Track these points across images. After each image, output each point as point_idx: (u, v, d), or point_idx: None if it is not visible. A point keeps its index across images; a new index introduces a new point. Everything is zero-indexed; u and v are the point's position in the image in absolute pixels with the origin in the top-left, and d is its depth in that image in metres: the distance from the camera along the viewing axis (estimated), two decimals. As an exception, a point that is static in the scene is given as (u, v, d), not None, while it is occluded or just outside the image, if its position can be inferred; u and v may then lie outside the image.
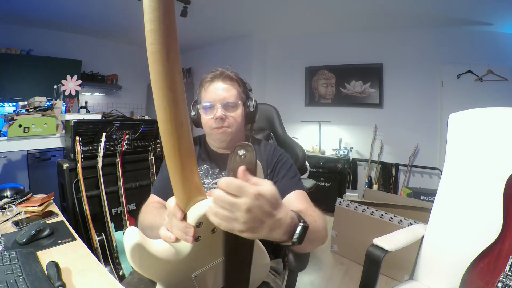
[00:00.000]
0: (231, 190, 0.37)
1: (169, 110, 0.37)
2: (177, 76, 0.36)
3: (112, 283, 0.58)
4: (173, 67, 0.35)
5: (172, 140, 0.39)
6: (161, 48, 0.33)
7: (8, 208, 0.93)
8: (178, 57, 0.36)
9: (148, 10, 0.32)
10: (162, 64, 0.34)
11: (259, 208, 0.37)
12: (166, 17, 0.33)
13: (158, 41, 0.33)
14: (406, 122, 3.10)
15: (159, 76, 0.35)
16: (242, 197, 0.36)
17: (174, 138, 0.39)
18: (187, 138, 0.40)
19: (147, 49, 0.34)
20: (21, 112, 1.88)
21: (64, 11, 2.95)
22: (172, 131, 0.38)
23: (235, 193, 0.37)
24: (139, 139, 1.92)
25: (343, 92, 3.48)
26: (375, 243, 0.91)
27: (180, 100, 0.37)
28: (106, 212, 1.64)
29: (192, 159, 0.42)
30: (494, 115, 0.96)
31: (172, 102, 0.37)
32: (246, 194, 0.36)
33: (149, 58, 0.34)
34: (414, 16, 2.77)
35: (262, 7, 2.83)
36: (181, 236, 0.43)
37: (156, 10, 0.32)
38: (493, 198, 0.87)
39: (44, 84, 3.02)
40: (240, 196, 0.36)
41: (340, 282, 1.82)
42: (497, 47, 2.68)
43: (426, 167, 2.94)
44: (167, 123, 0.37)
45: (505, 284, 0.71)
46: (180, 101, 0.38)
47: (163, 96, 0.36)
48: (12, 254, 0.61)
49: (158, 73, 0.35)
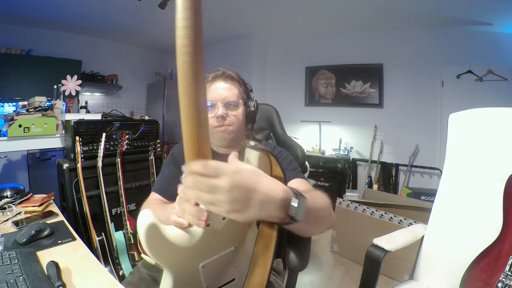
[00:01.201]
0: (209, 172, 0.37)
1: (193, 96, 0.40)
2: (201, 68, 0.40)
3: (112, 283, 0.58)
4: (198, 60, 0.40)
5: (192, 125, 0.41)
6: (190, 42, 0.38)
7: (8, 208, 0.92)
8: (203, 51, 0.40)
9: (182, 9, 0.38)
10: (190, 56, 0.39)
11: (240, 184, 0.37)
12: (196, 15, 0.39)
13: (188, 36, 0.38)
14: (406, 122, 3.10)
15: (187, 66, 0.39)
16: (222, 177, 0.36)
17: (195, 124, 0.41)
18: (205, 126, 0.42)
19: (177, 43, 0.38)
20: (21, 112, 1.88)
21: (64, 11, 2.95)
22: (193, 117, 0.41)
23: (213, 174, 0.36)
24: (139, 139, 1.92)
25: (343, 92, 3.48)
26: (375, 243, 0.91)
27: (202, 89, 0.41)
28: (106, 212, 1.64)
29: (207, 148, 0.44)
30: (494, 115, 0.96)
31: (195, 90, 0.40)
32: (224, 172, 0.36)
33: (179, 51, 0.39)
34: (414, 16, 2.77)
35: (262, 7, 2.83)
36: (193, 221, 0.45)
37: (188, 10, 0.38)
38: (493, 198, 0.87)
39: (44, 84, 3.02)
40: (219, 176, 0.36)
41: (340, 282, 1.82)
42: (497, 47, 2.68)
43: (426, 167, 2.94)
44: (190, 108, 0.40)
45: (505, 284, 0.71)
46: (202, 90, 0.41)
47: (188, 85, 0.40)
48: (12, 254, 0.61)
49: (187, 64, 0.39)
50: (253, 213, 0.38)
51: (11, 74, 3.04)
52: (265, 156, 0.50)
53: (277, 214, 0.40)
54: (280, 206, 0.40)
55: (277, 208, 0.40)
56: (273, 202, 0.39)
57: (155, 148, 1.91)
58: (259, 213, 0.38)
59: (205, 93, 0.42)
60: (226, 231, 0.51)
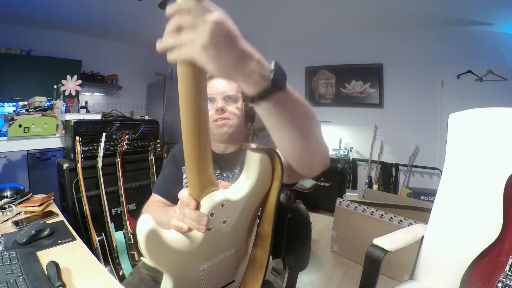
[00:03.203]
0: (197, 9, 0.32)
1: (193, 99, 0.39)
2: (202, 71, 0.38)
3: (112, 283, 0.58)
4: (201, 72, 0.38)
5: (193, 129, 0.40)
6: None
7: (8, 208, 0.93)
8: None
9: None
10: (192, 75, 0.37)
11: (226, 23, 0.33)
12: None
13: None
14: (406, 122, 3.10)
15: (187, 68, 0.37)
16: (210, 13, 0.32)
17: (195, 128, 0.40)
18: (206, 130, 0.42)
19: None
20: (21, 112, 1.88)
21: (64, 11, 2.95)
22: (195, 121, 0.40)
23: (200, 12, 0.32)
24: (139, 139, 1.92)
25: (343, 92, 3.48)
26: (375, 243, 0.91)
27: (203, 93, 0.40)
28: (106, 212, 1.64)
29: (208, 151, 0.44)
30: (494, 115, 0.96)
31: (196, 94, 0.39)
32: (213, 10, 0.32)
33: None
34: (414, 16, 2.77)
35: (262, 7, 2.83)
36: (193, 225, 0.44)
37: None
38: (493, 198, 0.87)
39: (44, 84, 3.02)
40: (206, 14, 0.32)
41: (340, 282, 1.82)
42: (497, 47, 2.68)
43: (426, 167, 2.94)
44: (191, 111, 0.39)
45: (505, 284, 0.71)
46: (203, 94, 0.40)
47: (189, 87, 0.38)
48: (12, 254, 0.61)
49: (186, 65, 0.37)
50: (229, 62, 0.34)
51: (11, 74, 3.04)
52: (268, 156, 0.48)
53: (255, 71, 0.36)
54: (260, 65, 0.37)
55: (256, 65, 0.36)
56: (252, 57, 0.36)
57: (155, 148, 1.91)
58: (235, 65, 0.34)
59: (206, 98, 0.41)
60: (227, 234, 0.50)
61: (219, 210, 0.45)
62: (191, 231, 0.46)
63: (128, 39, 4.06)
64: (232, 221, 0.49)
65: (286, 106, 0.41)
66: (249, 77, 0.36)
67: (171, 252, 0.45)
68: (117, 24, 3.45)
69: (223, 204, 0.46)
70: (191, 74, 0.37)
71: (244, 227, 0.54)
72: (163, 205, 0.78)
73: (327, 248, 2.23)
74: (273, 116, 0.42)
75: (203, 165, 0.44)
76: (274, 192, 0.52)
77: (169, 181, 0.86)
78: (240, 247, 0.55)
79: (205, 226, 0.44)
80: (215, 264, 0.51)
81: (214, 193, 0.46)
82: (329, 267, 2.00)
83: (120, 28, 3.59)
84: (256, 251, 0.57)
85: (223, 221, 0.48)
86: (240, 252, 0.55)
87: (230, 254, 0.53)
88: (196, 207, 0.45)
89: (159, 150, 1.95)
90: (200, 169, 0.44)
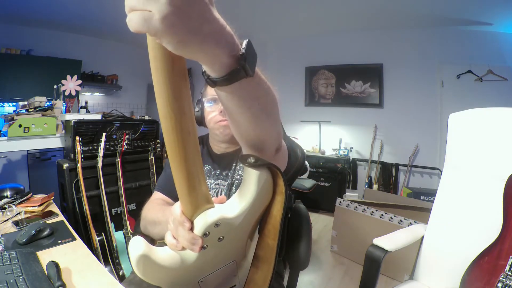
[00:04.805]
0: None
1: (174, 119, 0.33)
2: (183, 83, 0.33)
3: (112, 283, 0.58)
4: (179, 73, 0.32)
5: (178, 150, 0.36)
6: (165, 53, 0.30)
7: (8, 208, 0.93)
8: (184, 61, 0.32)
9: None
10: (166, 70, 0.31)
11: None
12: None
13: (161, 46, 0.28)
14: (406, 122, 3.10)
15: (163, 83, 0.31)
16: None
17: (181, 148, 0.36)
18: (194, 147, 0.37)
19: (150, 54, 0.31)
20: (21, 112, 1.88)
21: (64, 11, 2.95)
22: (179, 141, 0.35)
23: None
24: (139, 139, 1.92)
25: (343, 92, 3.48)
26: (375, 243, 0.92)
27: (187, 108, 0.34)
28: (106, 212, 1.64)
29: (199, 168, 0.40)
30: (494, 115, 0.96)
31: (178, 111, 0.33)
32: None
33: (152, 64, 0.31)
34: (414, 16, 2.77)
35: (261, 8, 2.83)
36: (187, 246, 0.42)
37: None
38: (493, 198, 0.87)
39: (44, 84, 3.03)
40: None
41: (340, 282, 1.82)
42: (497, 47, 2.68)
43: (426, 167, 2.94)
44: (173, 133, 0.34)
45: (505, 284, 0.71)
46: (187, 110, 0.34)
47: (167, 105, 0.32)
48: (12, 254, 0.61)
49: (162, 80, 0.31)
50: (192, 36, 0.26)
51: (11, 74, 3.05)
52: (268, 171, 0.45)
53: (224, 48, 0.30)
54: (230, 42, 0.30)
55: (225, 42, 0.30)
56: (222, 32, 0.29)
57: (155, 148, 1.91)
58: (203, 38, 0.27)
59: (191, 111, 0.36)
60: (225, 249, 0.47)
61: (214, 229, 0.42)
62: (185, 249, 0.44)
63: (128, 39, 4.06)
64: (229, 238, 0.46)
65: (251, 92, 0.37)
66: (215, 57, 0.30)
67: (166, 271, 0.44)
68: (117, 24, 3.44)
69: (218, 224, 0.42)
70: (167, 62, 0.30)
71: (243, 239, 0.51)
72: (163, 203, 0.79)
73: (327, 248, 2.23)
74: (234, 102, 0.38)
75: (195, 184, 0.40)
76: (278, 207, 0.48)
77: (171, 179, 0.86)
78: (239, 257, 0.53)
79: (199, 247, 0.41)
80: (213, 275, 0.50)
81: (208, 212, 0.42)
82: (329, 267, 2.00)
83: (120, 28, 3.58)
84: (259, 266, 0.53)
85: (219, 238, 0.45)
86: (239, 261, 0.53)
87: (229, 265, 0.51)
88: (190, 227, 0.42)
89: (159, 150, 1.95)
90: (192, 190, 0.40)
